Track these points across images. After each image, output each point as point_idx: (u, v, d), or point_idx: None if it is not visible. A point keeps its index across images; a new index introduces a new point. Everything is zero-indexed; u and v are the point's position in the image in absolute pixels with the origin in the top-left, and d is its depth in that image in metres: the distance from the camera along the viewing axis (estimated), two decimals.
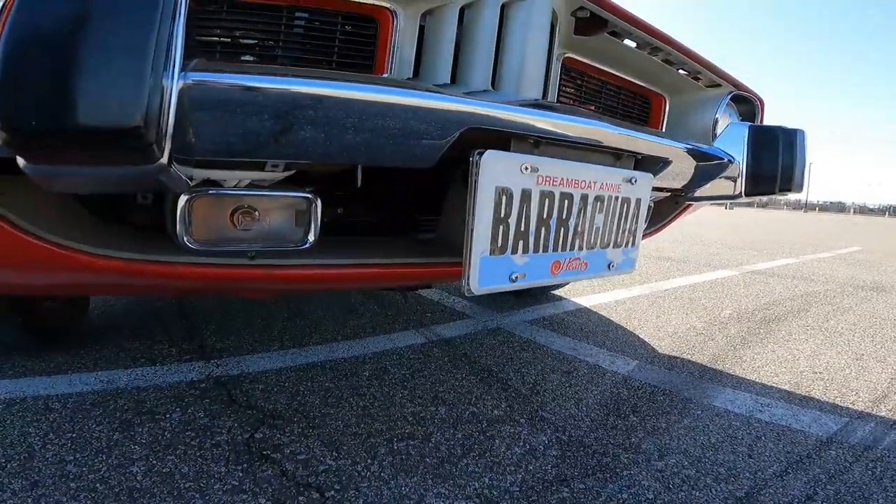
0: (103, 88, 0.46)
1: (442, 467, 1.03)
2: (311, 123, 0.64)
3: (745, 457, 1.11)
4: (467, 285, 0.79)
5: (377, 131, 0.68)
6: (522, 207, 0.82)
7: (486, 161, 0.76)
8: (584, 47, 1.27)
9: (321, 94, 0.64)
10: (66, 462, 0.97)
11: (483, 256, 0.79)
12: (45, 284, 0.90)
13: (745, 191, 1.31)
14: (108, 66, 0.46)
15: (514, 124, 0.81)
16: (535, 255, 0.87)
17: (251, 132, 0.61)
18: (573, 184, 0.89)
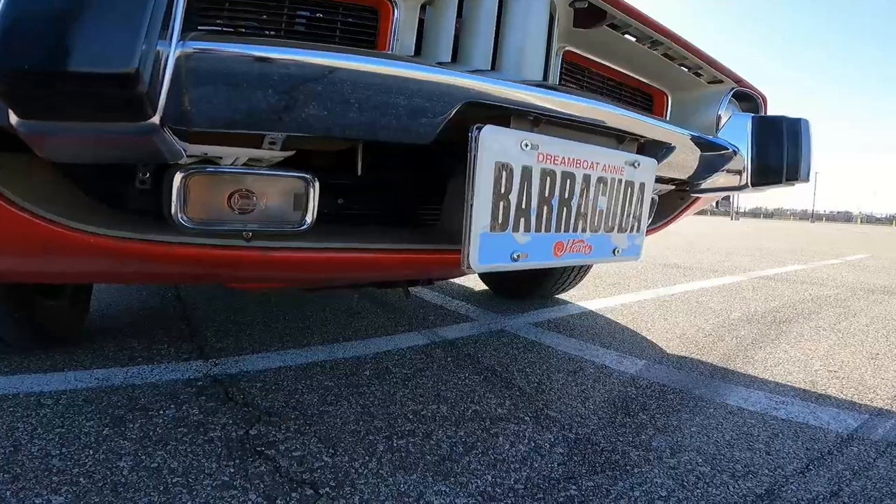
0: (99, 34, 0.44)
1: (443, 465, 0.98)
2: (307, 95, 0.62)
3: (763, 454, 1.05)
4: (467, 261, 0.76)
5: (375, 104, 0.66)
6: (523, 184, 0.79)
7: (485, 136, 0.73)
8: (585, 41, 1.24)
9: (317, 63, 0.62)
10: (52, 456, 0.94)
11: (483, 233, 0.76)
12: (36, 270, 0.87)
13: (751, 181, 1.28)
14: (106, 12, 0.44)
15: (515, 101, 0.78)
16: (538, 235, 0.83)
17: (246, 102, 0.59)
18: (575, 163, 0.85)
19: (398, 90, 0.67)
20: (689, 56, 1.37)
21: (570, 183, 0.86)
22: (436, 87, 0.69)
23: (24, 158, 0.68)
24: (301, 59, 0.61)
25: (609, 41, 1.24)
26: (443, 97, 0.70)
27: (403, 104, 0.67)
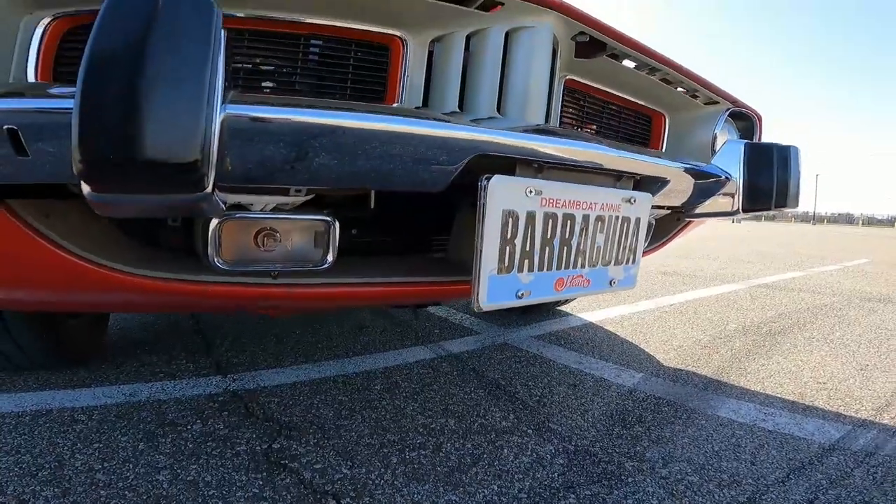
0: (166, 127, 0.52)
1: (453, 475, 1.06)
2: (338, 152, 0.70)
3: (748, 464, 1.13)
4: (476, 302, 0.84)
5: (395, 159, 0.74)
6: (527, 228, 0.88)
7: (493, 186, 0.81)
8: (585, 69, 1.32)
9: (347, 125, 0.70)
10: (95, 471, 1.02)
11: (491, 275, 0.85)
12: (83, 302, 0.95)
13: (742, 207, 1.35)
14: (169, 106, 0.52)
15: (519, 150, 0.86)
16: (540, 273, 0.92)
17: (280, 160, 0.67)
18: (575, 205, 0.94)
19: (417, 145, 0.75)
20: (686, 80, 1.45)
21: (571, 224, 0.94)
22: (450, 141, 0.77)
23: (74, 205, 0.77)
24: (333, 121, 0.69)
25: (609, 68, 1.32)
26: (456, 150, 0.78)
27: (421, 158, 0.75)
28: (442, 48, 1.07)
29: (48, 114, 0.59)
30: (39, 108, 0.59)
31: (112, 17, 0.52)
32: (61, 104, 0.59)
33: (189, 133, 0.54)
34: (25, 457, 1.06)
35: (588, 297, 3.03)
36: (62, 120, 0.57)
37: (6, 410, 1.28)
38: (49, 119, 0.59)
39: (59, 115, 0.58)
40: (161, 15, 0.52)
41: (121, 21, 0.52)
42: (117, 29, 0.52)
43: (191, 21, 0.54)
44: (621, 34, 1.19)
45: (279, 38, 0.94)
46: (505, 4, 1.01)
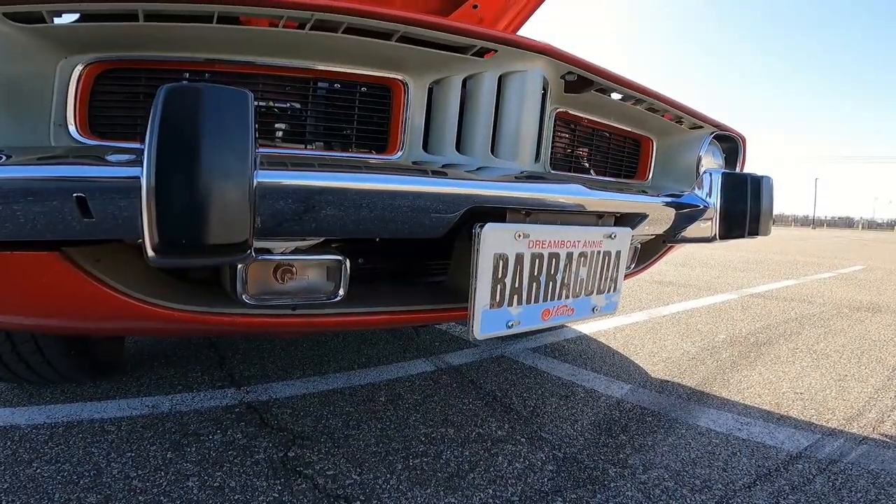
0: (223, 215, 0.65)
1: (452, 480, 1.17)
2: (349, 209, 0.81)
3: (720, 470, 1.25)
4: (472, 333, 0.96)
5: (398, 212, 0.86)
6: (517, 268, 1.00)
7: (486, 233, 0.93)
8: (575, 103, 1.43)
9: (361, 188, 0.82)
10: (132, 478, 1.13)
11: (484, 310, 0.97)
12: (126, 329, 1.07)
13: (718, 234, 1.46)
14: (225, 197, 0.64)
15: (509, 200, 0.98)
16: (528, 306, 1.04)
17: (302, 216, 0.78)
18: (560, 244, 1.06)
19: (419, 200, 0.87)
20: (670, 108, 1.56)
21: (556, 261, 1.06)
22: (447, 196, 0.89)
23: (121, 249, 0.88)
24: (347, 185, 0.81)
25: (597, 101, 1.42)
26: (453, 203, 0.90)
27: (422, 210, 0.87)
28: (440, 90, 1.18)
29: (114, 182, 0.69)
30: (106, 177, 0.69)
31: (167, 113, 0.62)
32: (127, 173, 0.69)
33: (241, 218, 0.66)
34: (65, 465, 1.17)
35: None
36: (126, 187, 0.68)
37: (39, 422, 1.39)
38: (114, 186, 0.69)
39: (124, 184, 0.69)
40: (208, 108, 0.63)
41: (175, 116, 0.63)
42: (173, 123, 0.62)
43: (232, 110, 0.65)
44: (606, 71, 1.30)
45: (289, 82, 1.05)
46: (498, 52, 1.12)
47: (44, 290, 0.84)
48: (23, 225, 0.68)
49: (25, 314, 0.95)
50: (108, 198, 0.69)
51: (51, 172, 0.70)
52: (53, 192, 0.68)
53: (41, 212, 0.68)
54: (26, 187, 0.68)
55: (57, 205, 0.68)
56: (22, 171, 0.70)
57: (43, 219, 0.69)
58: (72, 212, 0.69)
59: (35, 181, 0.69)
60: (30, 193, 0.68)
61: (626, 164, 1.80)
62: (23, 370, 1.51)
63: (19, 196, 0.67)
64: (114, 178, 0.69)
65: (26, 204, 0.68)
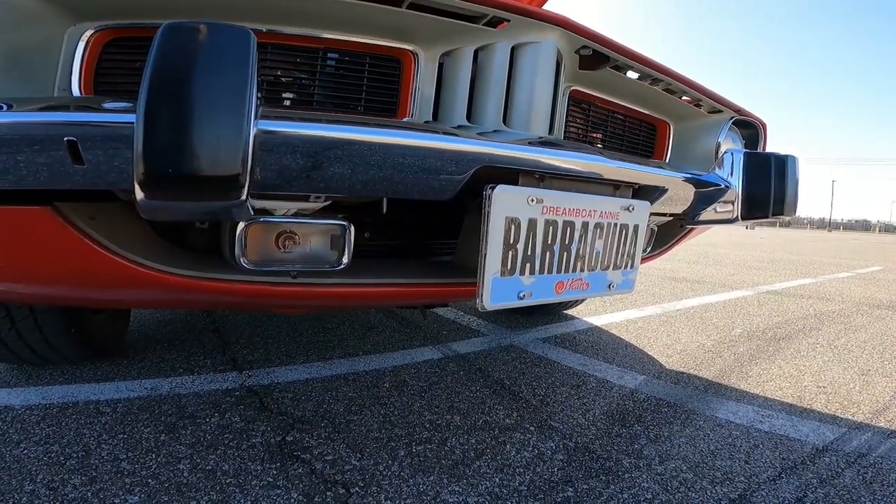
0: (215, 145, 0.61)
1: (456, 468, 1.12)
2: (353, 164, 0.76)
3: (742, 462, 1.17)
4: (481, 302, 0.90)
5: (408, 170, 0.81)
6: (529, 234, 0.94)
7: (497, 195, 0.87)
8: (590, 80, 1.37)
9: (365, 140, 0.77)
10: (120, 460, 1.09)
11: (494, 277, 0.90)
12: (118, 298, 1.02)
13: (740, 215, 1.39)
14: (217, 127, 0.61)
15: (522, 161, 0.92)
16: (541, 276, 0.97)
17: (303, 170, 0.74)
18: (574, 212, 0.99)
19: (427, 157, 0.81)
20: (689, 90, 1.49)
21: (570, 230, 0.99)
22: (457, 153, 0.83)
23: (115, 208, 0.84)
24: (353, 136, 0.76)
25: (612, 79, 1.36)
26: (463, 162, 0.84)
27: (430, 169, 0.81)
28: (451, 62, 1.12)
29: (106, 127, 0.66)
30: (98, 122, 0.66)
31: (164, 50, 0.60)
32: (119, 118, 0.65)
33: (233, 150, 0.62)
34: (54, 447, 1.13)
35: (591, 299, 3.07)
36: (118, 133, 0.65)
37: (34, 402, 1.36)
38: (106, 132, 0.65)
39: (115, 129, 0.65)
40: (206, 45, 0.60)
41: (172, 53, 0.60)
42: (169, 60, 0.60)
43: (231, 49, 0.61)
44: (623, 47, 1.24)
45: (298, 51, 1.01)
46: (511, 21, 1.06)
47: (34, 249, 0.80)
48: (13, 173, 0.66)
49: (14, 278, 0.90)
50: (101, 143, 0.65)
51: (43, 118, 0.67)
52: (45, 137, 0.65)
53: (32, 159, 0.65)
54: (18, 132, 0.65)
55: (48, 151, 0.65)
56: (14, 116, 0.67)
57: (33, 166, 0.66)
58: (62, 159, 0.66)
59: (27, 125, 0.66)
60: (21, 139, 0.65)
61: (642, 149, 1.73)
62: (21, 349, 1.48)
63: (11, 142, 0.65)
64: (107, 122, 0.66)
65: (17, 150, 0.65)
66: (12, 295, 1.04)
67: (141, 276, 0.81)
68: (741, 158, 1.43)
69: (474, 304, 0.93)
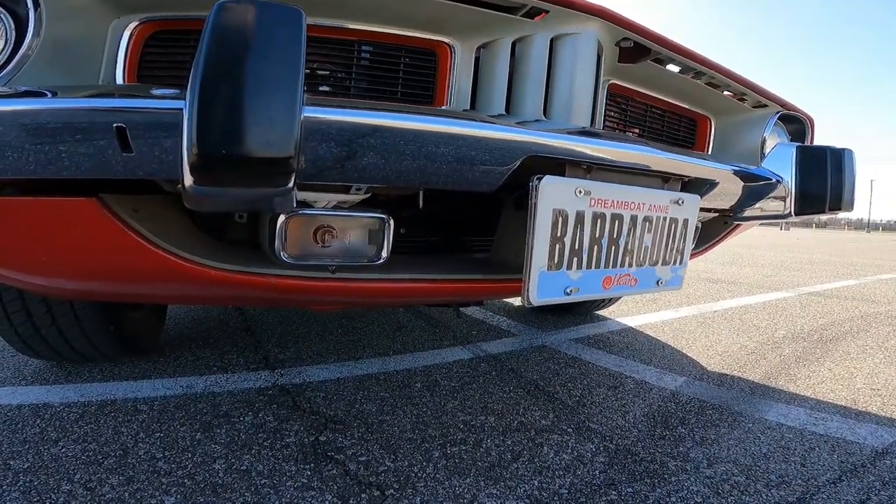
0: (268, 127, 0.59)
1: (493, 471, 1.08)
2: (401, 152, 0.74)
3: (798, 465, 1.11)
4: (527, 297, 0.87)
5: (453, 160, 0.78)
6: (577, 227, 0.90)
7: (544, 186, 0.85)
8: (628, 73, 1.32)
9: (413, 128, 0.75)
10: (157, 459, 1.09)
11: (541, 272, 0.88)
12: (161, 293, 1.02)
13: (794, 210, 1.34)
14: (270, 108, 0.59)
15: (570, 152, 0.89)
16: (588, 271, 0.94)
17: (348, 159, 0.72)
18: (623, 205, 0.96)
19: (474, 147, 0.79)
20: (733, 84, 1.43)
21: (619, 224, 0.96)
22: (504, 143, 0.80)
23: (159, 201, 0.83)
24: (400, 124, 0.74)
25: (653, 73, 1.31)
26: (509, 152, 0.81)
27: (477, 159, 0.79)
28: (488, 54, 1.09)
29: (156, 113, 0.64)
30: (148, 108, 0.65)
31: (218, 29, 0.58)
32: (169, 104, 0.64)
33: (287, 132, 0.60)
34: (92, 445, 1.13)
35: (629, 297, 2.99)
36: (167, 119, 0.63)
37: (73, 400, 1.37)
38: (155, 118, 0.64)
39: (165, 115, 0.64)
40: (259, 23, 0.59)
41: (226, 31, 0.58)
42: (224, 38, 0.58)
43: (284, 27, 0.60)
44: (665, 39, 1.19)
45: (334, 44, 0.99)
46: (550, 12, 1.03)
47: (77, 242, 0.80)
48: (58, 162, 0.65)
49: (56, 273, 0.90)
50: (150, 130, 0.64)
51: (92, 104, 0.66)
52: (92, 124, 0.64)
53: (78, 147, 0.65)
54: (64, 119, 0.64)
55: (95, 139, 0.64)
56: (61, 102, 0.66)
57: (79, 155, 0.65)
58: (110, 147, 0.65)
59: (74, 112, 0.65)
60: (67, 126, 0.64)
61: (682, 145, 1.67)
62: (62, 345, 1.50)
63: (57, 129, 0.64)
64: (157, 108, 0.65)
65: (63, 138, 0.64)
66: (54, 290, 1.04)
67: (184, 270, 0.80)
68: (793, 152, 1.36)
69: (505, 303, 0.90)
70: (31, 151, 0.65)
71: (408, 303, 1.29)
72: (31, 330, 1.44)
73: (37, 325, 1.43)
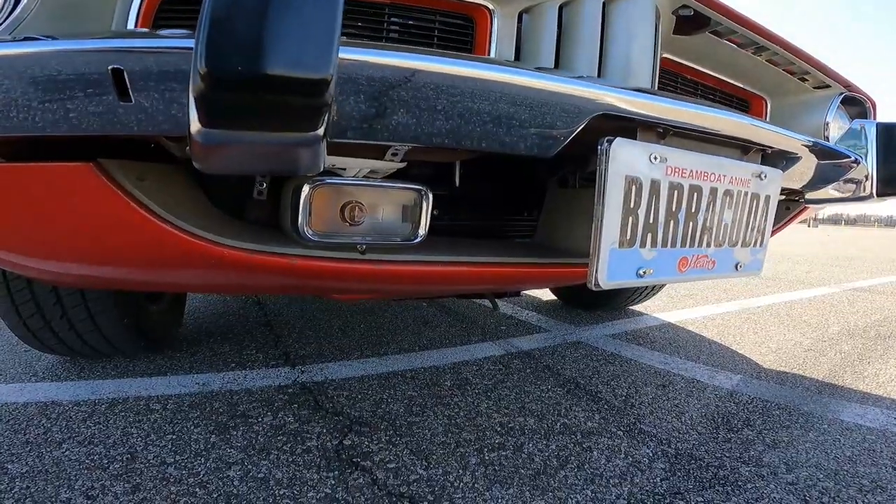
0: (301, 38, 0.45)
1: (538, 479, 0.96)
2: (451, 105, 0.63)
3: (890, 468, 0.97)
4: (595, 278, 0.75)
5: (508, 118, 0.66)
6: (651, 198, 0.78)
7: (615, 149, 0.73)
8: (682, 48, 1.19)
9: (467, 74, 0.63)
10: (167, 464, 0.98)
11: (612, 249, 0.76)
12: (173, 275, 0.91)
13: (876, 191, 1.21)
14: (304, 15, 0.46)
15: (642, 113, 0.76)
16: (664, 250, 0.82)
17: (390, 112, 0.60)
18: (702, 176, 0.83)
19: (533, 100, 0.66)
20: (797, 61, 1.29)
21: (698, 196, 0.83)
22: (568, 98, 0.68)
23: (166, 169, 0.73)
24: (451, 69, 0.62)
25: (708, 47, 1.18)
26: (574, 109, 0.69)
27: (535, 116, 0.66)
28: (532, 19, 0.97)
29: (160, 53, 0.53)
30: (149, 48, 0.53)
31: None
32: (176, 43, 0.53)
33: (324, 48, 0.46)
34: (98, 448, 1.04)
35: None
36: (174, 62, 0.53)
37: (83, 398, 1.29)
38: (159, 60, 0.53)
39: (171, 56, 0.53)
40: None
41: None
42: None
43: None
44: (728, 8, 1.06)
45: (363, 6, 0.88)
46: None
47: (73, 215, 0.70)
48: (46, 118, 0.55)
49: (50, 253, 0.80)
50: (152, 75, 0.53)
51: (83, 45, 0.55)
52: (85, 68, 0.54)
53: (69, 97, 0.54)
54: (54, 65, 0.54)
55: (88, 85, 0.54)
56: (49, 44, 0.55)
57: (70, 106, 0.54)
58: (106, 94, 0.54)
59: (64, 55, 0.54)
60: (57, 73, 0.54)
61: None
62: (73, 339, 1.42)
63: (44, 78, 0.54)
64: (161, 48, 0.53)
65: (52, 87, 0.54)
66: (50, 275, 0.94)
67: (196, 248, 0.69)
68: (874, 129, 1.22)
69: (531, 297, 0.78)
70: (13, 104, 0.55)
71: (445, 291, 1.16)
72: (40, 322, 1.36)
73: (46, 317, 1.35)
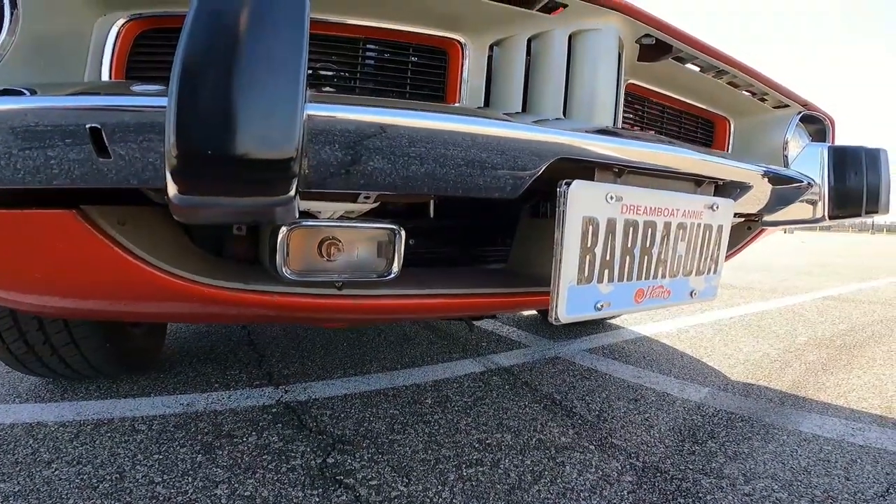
0: (264, 121, 0.49)
1: (514, 493, 1.01)
2: (418, 155, 0.67)
3: (842, 479, 1.04)
4: (555, 314, 0.80)
5: (475, 163, 0.70)
6: (608, 237, 0.83)
7: (573, 191, 0.77)
8: (647, 73, 1.26)
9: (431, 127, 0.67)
10: (155, 483, 1.02)
11: (571, 286, 0.80)
12: (151, 312, 0.95)
13: (828, 214, 1.27)
14: (268, 98, 0.50)
15: (600, 154, 0.81)
16: (620, 284, 0.87)
17: (358, 163, 0.64)
18: (656, 212, 0.89)
19: (497, 148, 0.71)
20: (756, 83, 1.36)
21: (652, 231, 0.89)
22: (530, 144, 0.73)
23: (147, 213, 0.77)
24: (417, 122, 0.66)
25: (671, 72, 1.25)
26: (536, 153, 0.73)
27: (499, 161, 0.71)
28: (502, 52, 1.03)
29: (135, 112, 0.56)
30: (125, 106, 0.56)
31: (205, 7, 0.50)
32: (150, 102, 0.56)
33: (288, 128, 0.50)
34: (87, 467, 1.07)
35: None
36: (149, 119, 0.55)
37: (68, 419, 1.31)
38: (135, 118, 0.56)
39: (146, 114, 0.56)
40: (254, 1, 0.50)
41: (215, 8, 0.50)
42: (213, 16, 0.49)
43: (285, 6, 0.51)
44: (688, 35, 1.13)
45: (338, 41, 0.94)
46: (568, 6, 0.97)
47: (58, 258, 0.73)
48: (29, 171, 0.57)
49: (37, 290, 0.84)
50: (129, 132, 0.56)
51: (62, 102, 0.58)
52: (64, 125, 0.56)
53: (50, 152, 0.57)
54: (33, 120, 0.57)
55: (68, 142, 0.56)
56: (28, 101, 0.58)
57: (52, 161, 0.57)
58: (85, 151, 0.57)
59: (43, 112, 0.57)
60: (37, 129, 0.57)
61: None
62: (56, 363, 1.43)
63: (26, 132, 0.57)
64: (136, 106, 0.56)
65: (33, 142, 0.57)
66: (39, 308, 0.98)
67: (175, 287, 0.73)
68: (825, 153, 1.30)
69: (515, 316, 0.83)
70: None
71: (421, 318, 1.21)
72: (23, 347, 1.38)
73: (29, 343, 1.37)
